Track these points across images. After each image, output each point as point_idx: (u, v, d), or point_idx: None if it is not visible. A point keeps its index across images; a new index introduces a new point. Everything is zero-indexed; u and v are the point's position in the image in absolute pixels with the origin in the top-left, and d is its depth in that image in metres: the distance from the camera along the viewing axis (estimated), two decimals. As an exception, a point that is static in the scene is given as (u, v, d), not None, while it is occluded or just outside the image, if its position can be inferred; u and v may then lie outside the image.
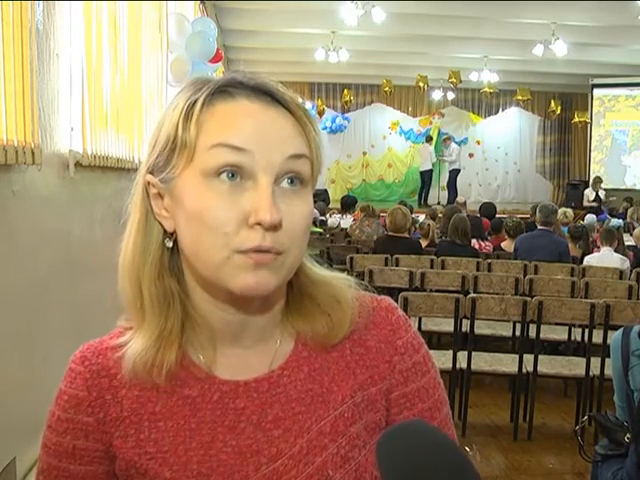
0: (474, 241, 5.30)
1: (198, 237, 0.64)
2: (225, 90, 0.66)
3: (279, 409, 0.70)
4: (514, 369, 3.23)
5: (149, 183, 0.68)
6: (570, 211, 6.95)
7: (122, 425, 0.70)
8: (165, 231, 0.69)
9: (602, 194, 11.21)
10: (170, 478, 0.67)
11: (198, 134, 0.64)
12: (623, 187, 12.86)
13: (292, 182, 0.65)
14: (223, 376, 0.70)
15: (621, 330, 1.68)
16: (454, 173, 13.04)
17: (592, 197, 11.08)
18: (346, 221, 7.51)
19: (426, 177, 13.24)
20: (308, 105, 13.45)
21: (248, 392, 0.70)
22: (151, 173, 0.68)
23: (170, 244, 0.69)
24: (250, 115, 0.64)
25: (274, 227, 0.62)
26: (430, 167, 13.12)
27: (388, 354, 0.74)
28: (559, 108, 13.37)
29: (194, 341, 0.70)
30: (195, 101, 0.65)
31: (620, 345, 1.63)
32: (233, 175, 0.63)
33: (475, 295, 3.35)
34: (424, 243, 5.48)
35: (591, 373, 3.20)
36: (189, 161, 0.64)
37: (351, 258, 4.60)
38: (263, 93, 0.66)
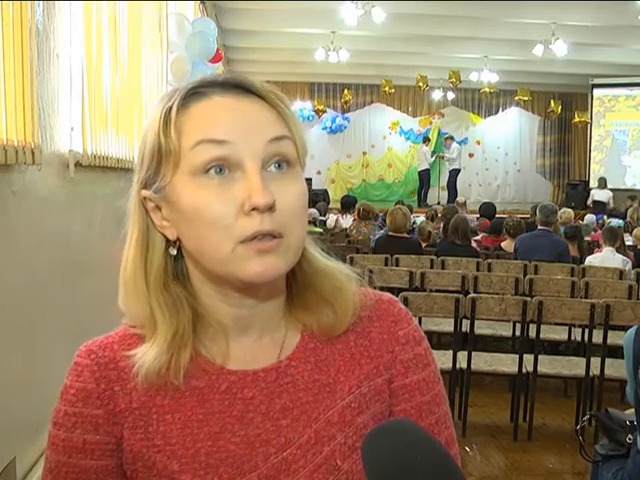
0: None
1: (201, 236, 0.65)
2: (197, 91, 0.68)
3: (287, 399, 0.71)
4: (514, 369, 3.23)
5: (145, 198, 0.69)
6: (570, 211, 6.95)
7: (131, 417, 0.69)
8: (168, 240, 0.70)
9: (606, 195, 11.31)
10: (178, 470, 0.67)
11: (179, 137, 0.65)
12: (623, 187, 12.86)
13: (279, 165, 0.67)
14: (231, 367, 0.71)
15: (633, 329, 1.67)
16: (454, 173, 13.04)
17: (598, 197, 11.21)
18: (346, 221, 7.51)
19: (424, 177, 13.25)
20: (307, 105, 13.46)
21: (256, 382, 0.71)
22: (145, 188, 0.69)
23: (174, 252, 0.70)
24: (225, 108, 0.66)
25: (269, 208, 0.63)
26: (427, 167, 13.13)
27: (390, 344, 0.75)
28: (559, 108, 13.36)
29: (204, 338, 0.71)
30: (170, 108, 0.67)
31: (632, 344, 1.63)
32: (221, 169, 0.64)
33: (475, 295, 3.35)
34: (423, 243, 5.48)
35: (591, 373, 3.20)
36: (176, 165, 0.66)
37: (351, 258, 4.60)
38: (233, 86, 0.68)
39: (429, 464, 0.53)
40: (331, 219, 7.77)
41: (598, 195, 11.37)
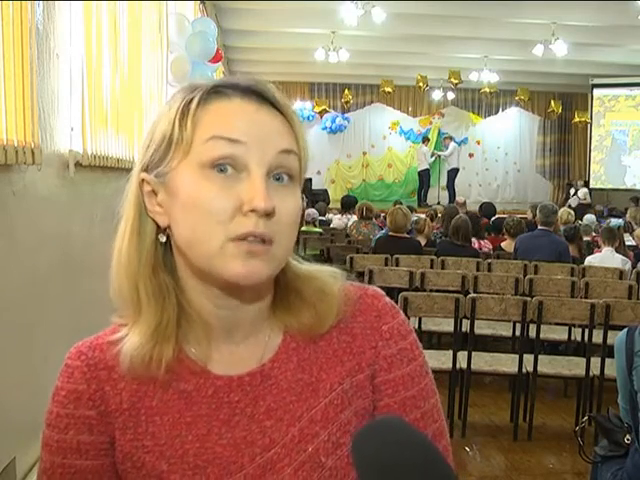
0: (473, 240, 5.29)
1: (193, 226, 0.66)
2: (219, 90, 0.69)
3: (271, 400, 0.72)
4: (514, 369, 3.23)
5: (143, 181, 0.70)
6: (570, 211, 6.94)
7: (121, 417, 0.71)
8: (158, 227, 0.71)
9: (583, 193, 11.46)
10: (167, 471, 0.69)
11: (194, 130, 0.66)
12: (623, 187, 12.88)
13: (282, 178, 0.68)
14: (217, 371, 0.72)
15: (625, 330, 1.67)
16: (453, 173, 13.06)
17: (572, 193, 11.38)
18: (343, 220, 7.51)
19: (424, 177, 13.26)
20: (307, 105, 13.47)
21: (242, 386, 0.72)
22: (145, 171, 0.70)
23: (164, 239, 0.71)
24: (244, 112, 0.68)
25: (267, 214, 0.64)
26: (426, 167, 13.14)
27: (374, 340, 0.75)
28: (559, 108, 13.37)
29: (189, 336, 0.72)
30: (191, 100, 0.68)
31: (624, 345, 1.63)
32: (227, 168, 0.66)
33: (475, 295, 3.35)
34: (422, 241, 5.48)
35: (591, 373, 3.19)
36: (185, 155, 0.67)
37: (351, 258, 4.60)
38: (255, 94, 0.69)
39: (417, 459, 0.54)
40: (340, 220, 7.68)
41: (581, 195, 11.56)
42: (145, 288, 0.70)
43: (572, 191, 11.75)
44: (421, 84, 11.64)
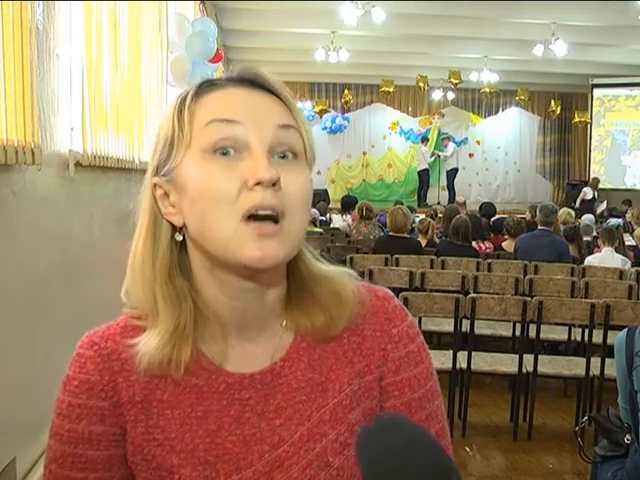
0: (474, 243, 5.29)
1: (203, 213, 0.66)
2: (212, 82, 0.71)
3: (281, 399, 0.72)
4: (514, 369, 3.23)
5: (155, 185, 0.71)
6: (570, 211, 6.94)
7: (133, 410, 0.71)
8: (174, 228, 0.71)
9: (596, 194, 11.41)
10: (178, 464, 0.69)
11: (192, 121, 0.68)
12: (623, 187, 12.88)
13: (286, 155, 0.69)
14: (229, 368, 0.72)
15: (625, 330, 1.67)
16: (452, 173, 13.05)
17: (590, 196, 11.28)
18: (347, 221, 7.50)
19: (423, 177, 13.26)
20: (307, 105, 13.47)
21: (253, 384, 0.72)
22: (156, 174, 0.71)
23: (180, 237, 0.71)
24: (238, 96, 0.70)
25: (273, 184, 0.65)
26: (426, 167, 13.14)
27: (383, 342, 0.76)
28: (559, 108, 13.37)
29: (205, 335, 0.72)
30: (185, 96, 0.70)
31: (624, 345, 1.63)
32: (229, 151, 0.67)
33: (475, 295, 3.35)
34: (423, 241, 5.48)
35: (591, 373, 3.20)
36: (187, 147, 0.68)
37: (351, 258, 4.60)
38: (247, 80, 0.71)
39: (421, 455, 0.54)
40: (344, 221, 7.64)
41: (589, 195, 11.48)
42: (162, 292, 0.70)
43: (588, 194, 11.47)
44: (421, 84, 11.64)
